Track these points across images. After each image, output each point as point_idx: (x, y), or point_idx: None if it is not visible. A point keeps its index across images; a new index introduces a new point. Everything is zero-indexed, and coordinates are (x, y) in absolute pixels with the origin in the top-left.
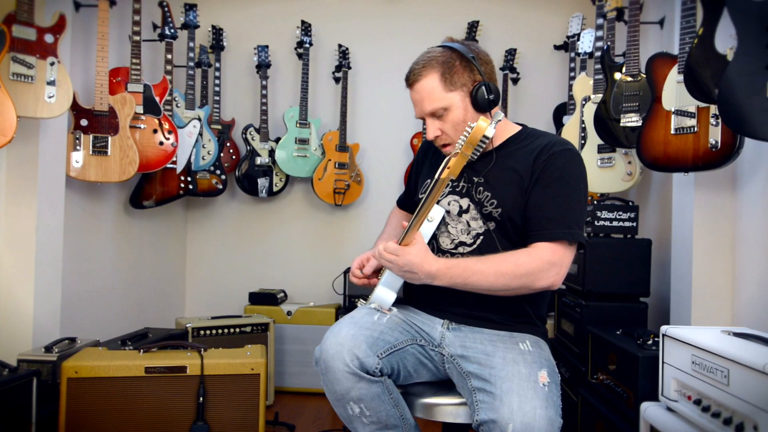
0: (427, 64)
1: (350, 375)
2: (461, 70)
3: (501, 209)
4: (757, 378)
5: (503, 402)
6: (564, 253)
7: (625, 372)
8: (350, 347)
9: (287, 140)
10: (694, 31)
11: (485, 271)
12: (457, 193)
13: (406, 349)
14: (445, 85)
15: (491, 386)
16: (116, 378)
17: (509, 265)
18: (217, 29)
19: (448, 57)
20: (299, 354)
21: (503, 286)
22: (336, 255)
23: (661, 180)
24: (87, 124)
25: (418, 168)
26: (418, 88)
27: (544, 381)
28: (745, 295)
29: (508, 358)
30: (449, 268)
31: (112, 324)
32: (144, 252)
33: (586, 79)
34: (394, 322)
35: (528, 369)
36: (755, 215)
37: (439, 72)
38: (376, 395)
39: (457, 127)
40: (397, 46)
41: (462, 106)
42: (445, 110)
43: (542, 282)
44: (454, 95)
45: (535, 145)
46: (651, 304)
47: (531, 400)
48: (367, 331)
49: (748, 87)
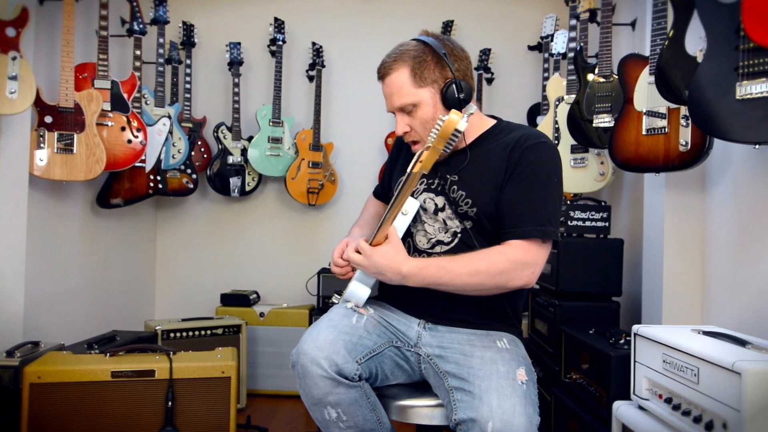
0: (399, 57)
1: (328, 380)
2: (432, 65)
3: (476, 208)
4: (725, 376)
5: (482, 400)
6: (537, 251)
7: (598, 371)
8: (329, 353)
9: (260, 139)
10: (665, 33)
11: (458, 270)
12: (432, 190)
13: (384, 353)
14: (414, 80)
15: (469, 385)
16: (81, 383)
17: (483, 264)
18: (187, 25)
19: (420, 51)
20: (272, 356)
21: (477, 285)
22: (310, 255)
23: (633, 180)
24: (51, 121)
25: (393, 163)
26: (388, 82)
27: (522, 379)
28: (715, 294)
29: (486, 357)
30: (421, 269)
31: (78, 327)
32: (112, 252)
33: (559, 80)
34: (371, 324)
35: (506, 367)
36: (724, 215)
37: (410, 67)
38: (354, 400)
39: (426, 125)
40: (372, 45)
41: (431, 103)
42: (414, 106)
43: (516, 281)
44: (424, 92)
45: (509, 139)
46: (623, 304)
47: (510, 398)
48: (346, 336)
49: (718, 88)
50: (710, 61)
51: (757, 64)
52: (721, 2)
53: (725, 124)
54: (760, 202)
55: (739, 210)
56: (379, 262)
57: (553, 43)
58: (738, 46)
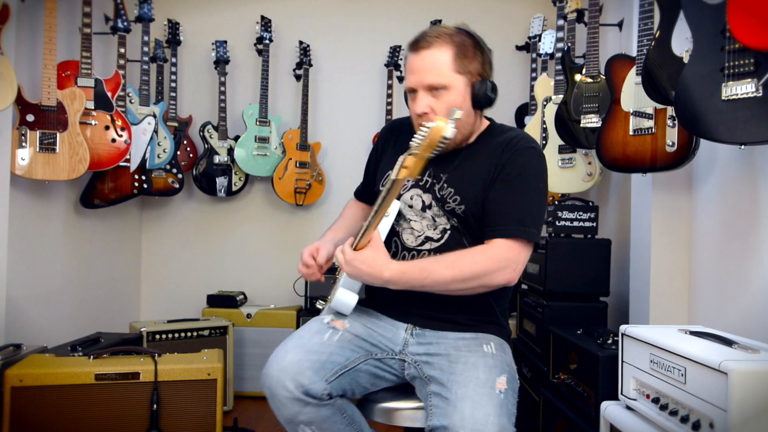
0: (443, 36)
1: (295, 400)
2: (472, 57)
3: (464, 206)
4: (712, 376)
5: (456, 408)
6: (520, 251)
7: (586, 371)
8: (294, 374)
9: (246, 138)
10: (652, 34)
11: (442, 271)
12: (420, 187)
13: (358, 367)
14: (454, 64)
15: (447, 391)
16: (64, 386)
17: (466, 264)
18: (173, 23)
19: (464, 39)
20: (259, 357)
21: (461, 285)
22: (297, 256)
23: (621, 180)
24: (33, 120)
25: (378, 156)
26: (426, 55)
27: (501, 387)
28: (701, 293)
29: (470, 363)
30: (404, 272)
31: (62, 329)
32: (96, 253)
33: (547, 80)
34: (345, 339)
35: (486, 375)
36: (710, 215)
37: (454, 49)
38: (327, 417)
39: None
40: (359, 44)
41: (462, 92)
42: (445, 89)
43: (498, 279)
44: (460, 78)
45: (500, 140)
46: (611, 304)
47: (484, 407)
48: (314, 356)
49: (704, 89)
50: (696, 62)
51: (742, 65)
52: (706, 3)
53: (711, 124)
54: (746, 203)
55: (725, 210)
56: (361, 267)
57: (541, 43)
58: (724, 47)
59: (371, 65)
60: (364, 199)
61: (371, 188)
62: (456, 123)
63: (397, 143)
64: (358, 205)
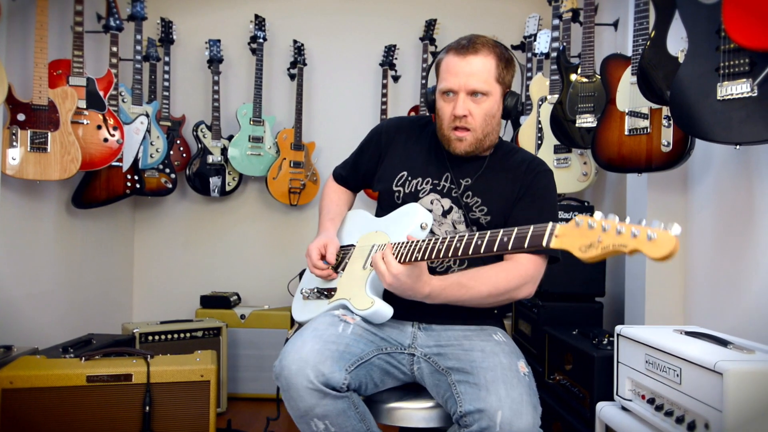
0: (487, 45)
1: (314, 392)
2: (508, 69)
3: (490, 217)
4: (707, 376)
5: (489, 391)
6: (542, 265)
7: (581, 372)
8: (315, 363)
9: (240, 138)
10: (647, 33)
11: (479, 288)
12: (438, 192)
13: (372, 360)
14: (498, 73)
15: (474, 377)
16: (55, 388)
17: (501, 280)
18: (166, 22)
19: (503, 52)
20: (253, 359)
21: (493, 300)
22: (291, 256)
23: (616, 180)
24: (24, 119)
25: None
26: (473, 60)
27: (524, 371)
28: (696, 294)
29: (487, 350)
30: (444, 288)
31: (53, 330)
32: (88, 254)
33: (542, 80)
34: (357, 333)
35: (508, 359)
36: (705, 215)
37: (498, 59)
38: (342, 411)
39: (487, 119)
40: (354, 43)
41: (499, 101)
42: (486, 96)
43: (522, 293)
44: (498, 88)
45: (519, 159)
46: (606, 304)
47: (517, 388)
48: (332, 345)
49: (699, 89)
50: (691, 62)
51: (737, 65)
52: (702, 3)
53: (706, 124)
54: (741, 203)
55: (720, 210)
56: (406, 281)
57: (536, 43)
58: (719, 47)
59: (366, 65)
60: (347, 185)
61: (359, 178)
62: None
63: (407, 146)
64: (341, 188)
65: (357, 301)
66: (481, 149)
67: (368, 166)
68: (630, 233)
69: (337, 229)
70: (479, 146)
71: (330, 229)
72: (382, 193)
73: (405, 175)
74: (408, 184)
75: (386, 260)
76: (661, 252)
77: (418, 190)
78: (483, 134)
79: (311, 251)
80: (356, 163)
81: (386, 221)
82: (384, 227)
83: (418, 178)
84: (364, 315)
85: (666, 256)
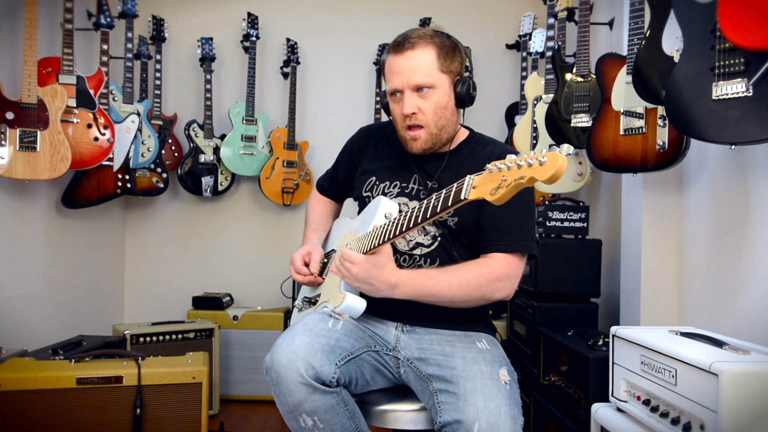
0: (424, 37)
1: (304, 386)
2: (453, 57)
3: (457, 218)
4: (703, 377)
5: (467, 401)
6: (518, 264)
7: (577, 373)
8: (305, 356)
9: (233, 137)
10: (643, 33)
11: (448, 281)
12: (407, 195)
13: (362, 357)
14: (439, 63)
15: (454, 386)
16: (45, 390)
17: (471, 275)
18: (157, 19)
19: (444, 41)
20: (246, 360)
21: (465, 297)
22: (284, 257)
23: (611, 181)
24: (13, 118)
25: (352, 159)
26: (410, 56)
27: (505, 379)
28: (691, 294)
29: (468, 358)
30: (412, 278)
31: (42, 332)
32: (78, 254)
33: (537, 79)
34: (348, 328)
35: (489, 367)
36: (700, 215)
37: (437, 49)
38: (331, 407)
39: (437, 112)
40: (347, 42)
41: (448, 91)
42: (431, 89)
43: (499, 293)
44: (444, 78)
45: (488, 152)
46: (601, 305)
47: (495, 399)
48: (323, 339)
49: (694, 89)
50: (687, 61)
51: (732, 65)
52: (697, 2)
53: (701, 124)
54: (737, 203)
55: (715, 210)
56: (371, 270)
57: (531, 42)
58: (714, 47)
59: (360, 63)
60: (330, 196)
61: (339, 188)
62: (440, 123)
63: (376, 152)
64: (324, 199)
65: (333, 300)
66: (439, 143)
67: (345, 176)
68: (526, 164)
69: (323, 239)
70: (436, 141)
71: (313, 239)
72: (357, 200)
73: (374, 180)
74: (376, 188)
75: (345, 256)
76: (548, 172)
77: (385, 194)
78: (437, 128)
79: (295, 259)
80: (335, 174)
81: (359, 220)
82: (357, 226)
83: (385, 182)
84: (339, 312)
85: (553, 175)
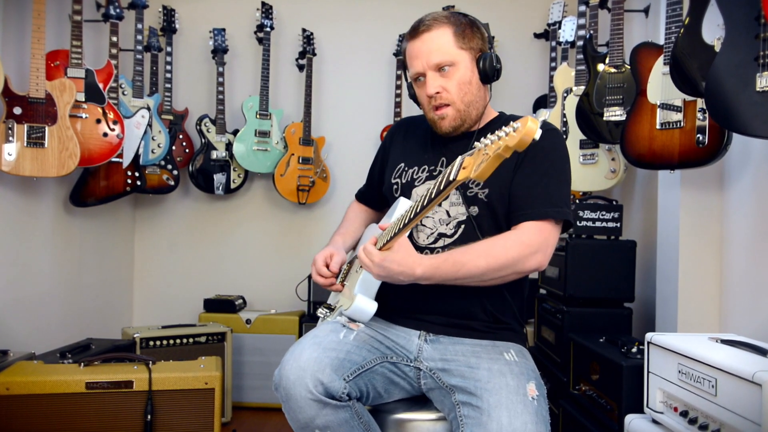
0: (439, 18)
1: (314, 402)
2: (471, 34)
3: (488, 190)
4: (745, 388)
5: (491, 417)
6: (551, 231)
7: (609, 382)
8: (313, 371)
9: (246, 133)
10: (681, 20)
11: (475, 261)
12: (435, 178)
13: (374, 369)
14: (456, 40)
15: (477, 400)
16: (53, 395)
17: (499, 250)
18: (168, 10)
19: (460, 19)
20: (259, 366)
21: (495, 273)
22: (299, 258)
23: (646, 178)
24: (21, 113)
25: (385, 154)
26: (426, 38)
27: (533, 394)
28: (733, 299)
29: (494, 370)
30: (437, 267)
31: (51, 335)
32: (87, 254)
33: (567, 70)
34: (361, 339)
35: (516, 381)
36: (743, 215)
37: (452, 28)
38: (345, 421)
39: (462, 88)
40: (366, 32)
41: (470, 67)
42: (452, 66)
43: (531, 263)
44: (465, 54)
45: None
46: (635, 310)
47: (521, 415)
48: (332, 353)
49: (737, 80)
50: (729, 51)
51: None
52: None
53: (744, 117)
54: None
55: (759, 209)
56: (392, 266)
57: (561, 31)
58: (758, 35)
59: (379, 54)
60: (367, 202)
61: (376, 190)
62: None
63: (407, 140)
64: (360, 207)
65: (345, 303)
66: (469, 121)
67: (380, 171)
68: (504, 134)
69: (348, 244)
70: (465, 118)
71: (338, 242)
72: (385, 191)
73: (402, 167)
74: (405, 174)
75: (367, 251)
76: (518, 136)
77: (414, 179)
78: (464, 104)
79: (316, 260)
80: (372, 175)
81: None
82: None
83: (414, 167)
84: (348, 315)
85: (521, 140)
